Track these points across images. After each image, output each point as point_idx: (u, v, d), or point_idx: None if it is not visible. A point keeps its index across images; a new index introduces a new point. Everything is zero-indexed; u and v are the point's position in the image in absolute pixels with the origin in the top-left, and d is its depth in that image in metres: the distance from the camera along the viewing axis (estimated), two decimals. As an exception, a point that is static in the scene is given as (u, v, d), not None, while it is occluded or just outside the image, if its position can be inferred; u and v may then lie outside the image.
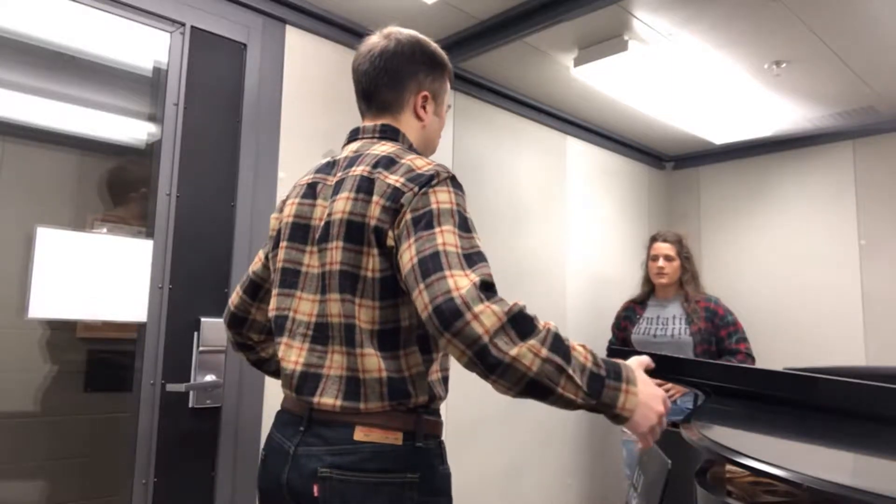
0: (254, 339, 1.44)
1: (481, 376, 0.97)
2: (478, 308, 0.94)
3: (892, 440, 1.14)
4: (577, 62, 2.66)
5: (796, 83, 2.88)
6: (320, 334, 1.17)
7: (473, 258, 1.02)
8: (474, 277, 0.98)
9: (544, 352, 0.95)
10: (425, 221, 1.06)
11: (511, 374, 0.94)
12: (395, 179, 1.12)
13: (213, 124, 2.13)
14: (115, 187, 2.02)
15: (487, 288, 0.98)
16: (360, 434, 1.09)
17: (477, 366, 0.95)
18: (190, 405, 1.99)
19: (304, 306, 1.20)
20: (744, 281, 3.75)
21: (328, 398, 1.12)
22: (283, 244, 1.26)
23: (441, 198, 1.09)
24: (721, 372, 1.61)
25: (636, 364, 1.10)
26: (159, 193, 1.99)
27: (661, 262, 2.95)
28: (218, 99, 2.15)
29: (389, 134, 1.27)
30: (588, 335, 3.45)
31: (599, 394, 0.98)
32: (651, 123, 3.47)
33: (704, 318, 2.84)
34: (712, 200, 4.00)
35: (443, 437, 1.20)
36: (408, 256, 1.04)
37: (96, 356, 1.99)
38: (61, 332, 1.91)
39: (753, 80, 2.84)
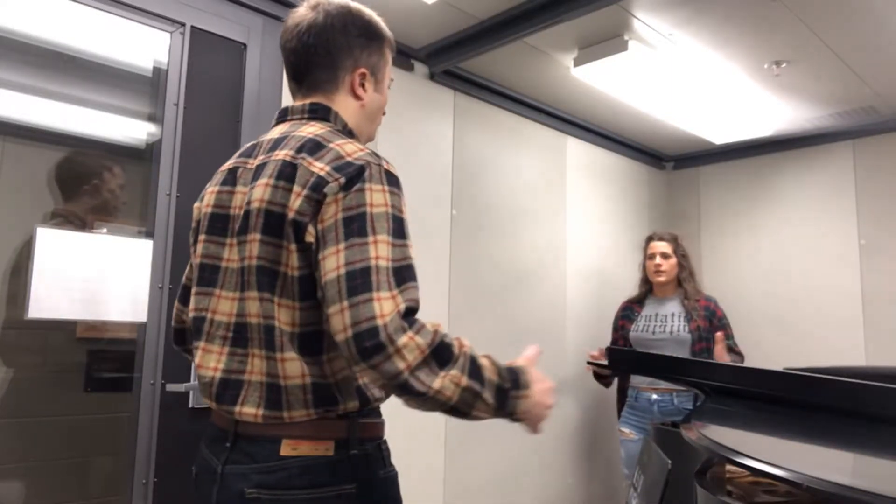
0: None
1: (398, 397, 0.96)
2: (401, 341, 0.90)
3: (892, 440, 1.14)
4: (577, 62, 2.66)
5: (796, 83, 2.88)
6: (240, 336, 1.06)
7: (403, 274, 0.97)
8: (400, 302, 0.93)
9: (464, 380, 0.95)
10: (358, 226, 0.96)
11: (432, 404, 0.95)
12: (319, 167, 1.01)
13: (213, 124, 2.13)
14: (65, 181, 1.95)
15: (411, 312, 0.95)
16: (287, 448, 1.00)
17: (394, 392, 0.95)
18: (190, 405, 1.99)
19: (224, 306, 1.09)
20: (744, 281, 3.75)
21: (249, 407, 1.02)
22: (202, 237, 1.14)
23: (376, 199, 0.99)
24: (721, 372, 1.61)
25: (526, 360, 1.08)
26: (159, 193, 1.99)
27: (658, 260, 2.97)
28: (218, 99, 2.15)
29: (320, 113, 1.15)
30: (588, 335, 3.45)
31: (504, 405, 1.00)
32: (651, 123, 3.46)
33: (704, 316, 2.86)
34: (712, 200, 4.00)
35: (385, 437, 1.12)
36: (334, 263, 0.95)
37: (96, 356, 1.99)
38: (61, 332, 1.91)
39: (753, 80, 2.84)
